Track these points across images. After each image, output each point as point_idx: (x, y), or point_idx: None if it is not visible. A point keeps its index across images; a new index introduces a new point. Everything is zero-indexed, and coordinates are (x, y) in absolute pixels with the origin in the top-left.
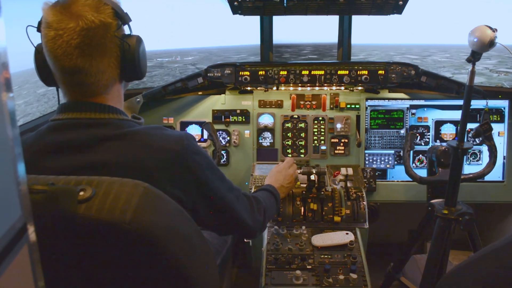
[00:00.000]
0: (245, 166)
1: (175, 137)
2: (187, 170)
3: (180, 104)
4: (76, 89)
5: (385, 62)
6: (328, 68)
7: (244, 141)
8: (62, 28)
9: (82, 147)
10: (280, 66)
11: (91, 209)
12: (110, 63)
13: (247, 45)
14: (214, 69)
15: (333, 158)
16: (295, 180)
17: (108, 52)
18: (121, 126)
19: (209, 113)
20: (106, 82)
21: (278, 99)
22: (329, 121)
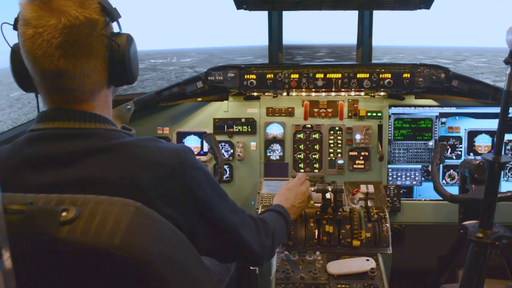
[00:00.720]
0: (251, 183)
1: (171, 150)
2: (185, 188)
3: (177, 112)
4: (58, 95)
5: (411, 64)
6: (346, 70)
7: (249, 154)
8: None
9: (64, 162)
10: (291, 69)
11: (75, 232)
12: (97, 65)
13: (253, 46)
14: (216, 72)
15: (351, 174)
16: (308, 199)
17: (94, 52)
18: (109, 137)
19: (209, 122)
20: (92, 87)
21: (288, 106)
22: (347, 132)
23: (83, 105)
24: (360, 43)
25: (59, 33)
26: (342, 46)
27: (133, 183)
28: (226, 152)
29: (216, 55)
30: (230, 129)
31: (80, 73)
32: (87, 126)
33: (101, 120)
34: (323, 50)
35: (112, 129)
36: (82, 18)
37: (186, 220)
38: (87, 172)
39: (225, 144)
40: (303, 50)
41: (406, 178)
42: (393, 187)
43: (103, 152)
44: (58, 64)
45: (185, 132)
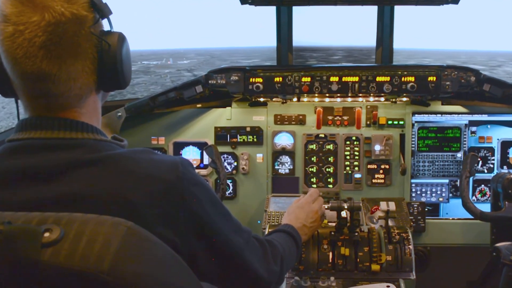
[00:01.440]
0: (257, 200)
1: (167, 164)
2: (183, 205)
3: (173, 120)
4: (41, 101)
5: (437, 66)
6: (364, 73)
7: (255, 168)
8: (24, 22)
9: (47, 176)
10: (302, 71)
11: (58, 254)
12: (85, 68)
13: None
14: (217, 75)
15: (370, 190)
16: (321, 218)
17: (82, 53)
18: (98, 149)
19: (210, 132)
20: (79, 92)
21: (299, 113)
22: (365, 142)
23: (69, 113)
24: (379, 42)
25: (43, 31)
26: (360, 48)
27: (125, 200)
28: (229, 165)
29: (217, 56)
30: (233, 139)
31: (65, 77)
32: (73, 136)
33: (89, 129)
34: (339, 53)
35: (101, 140)
36: (69, 15)
37: (184, 241)
38: (73, 187)
39: (227, 156)
40: (316, 53)
41: (431, 194)
42: (417, 204)
43: (91, 165)
44: (41, 66)
45: (182, 142)
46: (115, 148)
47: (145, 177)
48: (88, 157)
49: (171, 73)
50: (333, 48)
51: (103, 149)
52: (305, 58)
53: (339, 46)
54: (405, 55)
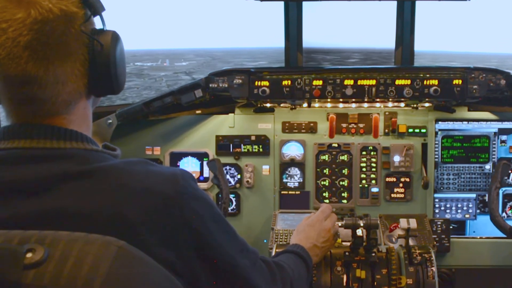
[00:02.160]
0: (263, 217)
1: (166, 176)
2: (183, 222)
3: (170, 128)
4: (25, 107)
5: (463, 67)
6: (382, 76)
7: (261, 181)
8: (7, 19)
9: (32, 190)
10: (313, 73)
11: (42, 277)
12: (74, 70)
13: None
14: (219, 78)
15: (388, 205)
16: (334, 237)
17: (71, 54)
18: (88, 159)
19: (211, 141)
20: (68, 97)
21: (310, 120)
22: (383, 152)
23: (57, 120)
24: (399, 42)
25: (28, 29)
26: (379, 50)
27: (118, 216)
28: (231, 178)
29: (219, 58)
30: (236, 149)
31: (53, 80)
32: (61, 145)
33: (78, 138)
34: (355, 56)
35: (92, 150)
36: (57, 11)
37: (184, 262)
38: (60, 203)
39: (230, 168)
40: (330, 55)
41: (457, 211)
42: (440, 221)
43: (81, 178)
44: (26, 68)
45: (180, 153)
46: (107, 159)
47: (141, 191)
48: (77, 169)
49: (167, 76)
50: (349, 50)
51: (94, 160)
52: (317, 60)
53: (355, 48)
54: (428, 58)
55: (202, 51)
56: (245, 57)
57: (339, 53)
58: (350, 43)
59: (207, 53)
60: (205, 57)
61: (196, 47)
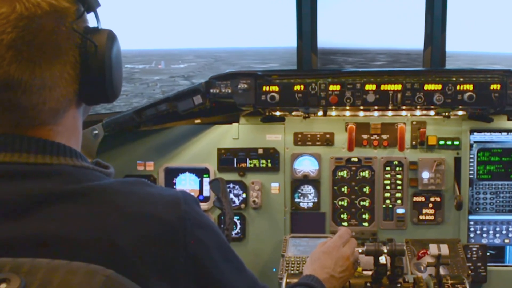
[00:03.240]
0: (272, 242)
1: (166, 200)
2: (185, 253)
3: (165, 140)
4: (7, 115)
5: (502, 70)
6: (409, 80)
7: (270, 201)
8: None
9: (10, 212)
10: (329, 77)
11: None
12: (64, 74)
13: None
14: (221, 83)
15: (416, 229)
16: (353, 265)
17: (61, 55)
18: (78, 178)
19: (212, 155)
20: (56, 105)
21: (326, 131)
22: (409, 168)
23: (42, 130)
24: (428, 41)
25: (12, 26)
26: (408, 51)
27: (110, 244)
28: (236, 197)
29: (223, 59)
30: (241, 164)
31: (39, 85)
32: (46, 161)
33: (66, 152)
34: (381, 57)
35: (82, 166)
36: (46, 6)
37: None
38: (42, 227)
39: (234, 186)
40: (352, 57)
41: (494, 235)
42: (476, 247)
43: (69, 200)
44: (9, 71)
45: (176, 168)
46: (100, 177)
47: (138, 217)
48: (64, 189)
49: (162, 81)
50: (374, 51)
51: (85, 179)
52: (337, 63)
53: (381, 49)
54: (465, 59)
55: (203, 51)
56: (253, 58)
57: (363, 54)
58: (376, 43)
59: (209, 54)
60: (206, 58)
61: (196, 47)
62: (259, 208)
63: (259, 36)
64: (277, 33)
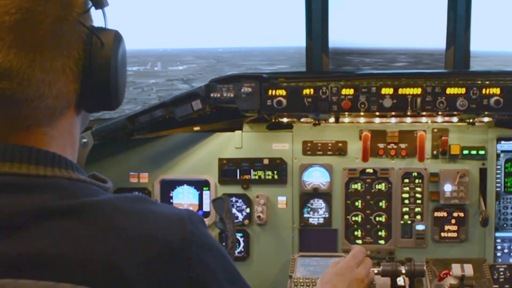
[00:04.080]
0: (278, 262)
1: (171, 219)
2: (189, 278)
3: (161, 149)
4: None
5: None
6: (430, 83)
7: (276, 216)
8: None
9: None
10: (342, 80)
11: None
12: (66, 69)
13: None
14: (223, 86)
15: (438, 247)
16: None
17: (65, 47)
18: (74, 192)
19: (212, 165)
20: (53, 103)
21: (338, 139)
22: (430, 180)
23: (35, 134)
24: (451, 39)
25: (17, 7)
26: (431, 51)
27: (109, 266)
28: (239, 212)
29: (227, 60)
30: (245, 176)
31: (38, 76)
32: (40, 172)
33: (62, 163)
34: (401, 58)
35: (79, 180)
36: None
37: None
38: (33, 245)
39: (237, 200)
40: (370, 57)
41: None
42: (503, 267)
43: (64, 216)
44: (8, 56)
45: (173, 180)
46: (98, 193)
47: (138, 238)
48: (59, 204)
49: (158, 85)
50: (393, 51)
51: (81, 194)
52: (354, 64)
53: (402, 49)
54: (493, 61)
55: (204, 51)
56: (260, 59)
57: (382, 55)
58: (395, 42)
59: (211, 54)
60: (208, 59)
61: (196, 47)
62: (265, 224)
63: (266, 34)
64: (286, 32)
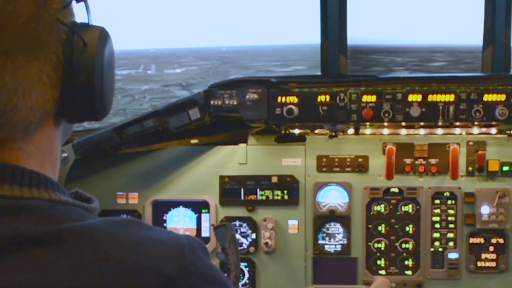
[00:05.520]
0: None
1: (167, 247)
2: None
3: (153, 165)
4: None
5: None
6: (464, 88)
7: (286, 243)
8: None
9: None
10: (362, 85)
11: None
12: (42, 75)
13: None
14: (225, 92)
15: (474, 278)
16: None
17: (41, 50)
18: (55, 216)
19: (213, 184)
20: (28, 115)
21: (358, 154)
22: (465, 201)
23: (8, 150)
24: (489, 37)
25: None
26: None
27: None
28: (244, 238)
29: (233, 60)
30: (250, 195)
31: (10, 85)
32: (15, 193)
33: (41, 182)
34: (438, 57)
35: (60, 201)
36: None
37: None
38: (9, 279)
39: (241, 224)
40: (401, 56)
41: None
42: None
43: (44, 244)
44: None
45: (168, 201)
46: (83, 216)
47: (132, 268)
48: (38, 231)
49: (152, 91)
50: (426, 49)
51: (64, 218)
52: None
53: (436, 46)
54: None
55: (206, 51)
56: (272, 59)
57: (414, 53)
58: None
59: (214, 55)
60: (210, 60)
61: (197, 46)
62: (273, 252)
63: (277, 31)
64: (300, 27)
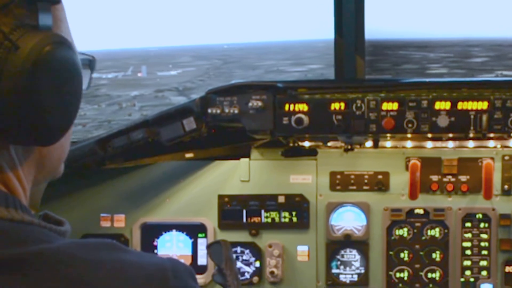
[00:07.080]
0: None
1: (148, 272)
2: None
3: (142, 183)
4: None
5: None
6: (499, 94)
7: (295, 272)
8: None
9: None
10: (382, 90)
11: None
12: None
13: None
14: (224, 99)
15: None
16: None
17: None
18: (18, 238)
19: (211, 204)
20: None
21: (377, 170)
22: (500, 223)
23: None
24: None
25: None
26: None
27: None
28: (246, 267)
29: (237, 60)
30: (253, 217)
31: None
32: None
33: (1, 201)
34: (477, 52)
35: (23, 221)
36: None
37: None
38: None
39: (243, 251)
40: (435, 51)
41: None
42: None
43: (8, 269)
44: None
45: (159, 224)
46: (51, 237)
47: None
48: (4, 255)
49: (143, 98)
50: (461, 42)
51: (29, 240)
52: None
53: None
54: None
55: (206, 49)
56: (282, 57)
57: (449, 48)
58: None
59: (215, 53)
60: (211, 59)
61: (194, 44)
62: (280, 283)
63: (288, 25)
64: (314, 21)
